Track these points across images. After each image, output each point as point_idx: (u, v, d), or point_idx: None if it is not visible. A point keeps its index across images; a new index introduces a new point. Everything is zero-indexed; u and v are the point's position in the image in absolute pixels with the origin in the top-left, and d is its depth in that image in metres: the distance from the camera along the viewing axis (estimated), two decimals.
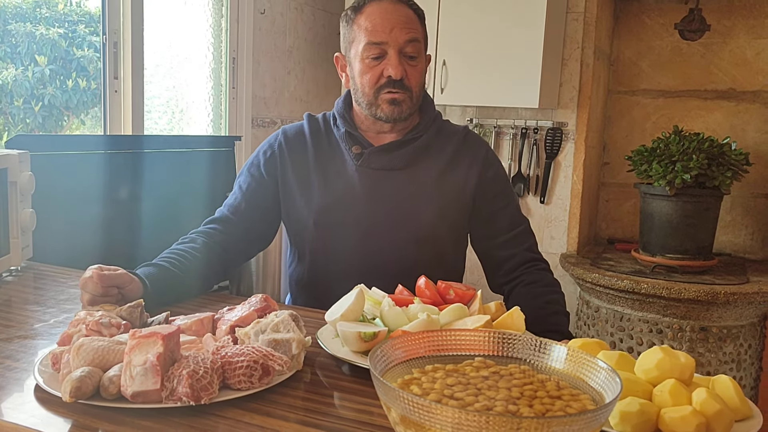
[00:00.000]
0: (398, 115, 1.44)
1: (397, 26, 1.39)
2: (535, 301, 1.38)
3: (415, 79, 1.43)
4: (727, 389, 0.82)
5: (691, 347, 2.51)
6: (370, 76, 1.41)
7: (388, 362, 0.76)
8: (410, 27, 1.41)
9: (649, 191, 2.66)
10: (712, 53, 3.03)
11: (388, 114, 1.43)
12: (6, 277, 1.48)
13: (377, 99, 1.43)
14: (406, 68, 1.41)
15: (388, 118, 1.44)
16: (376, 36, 1.39)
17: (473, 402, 0.68)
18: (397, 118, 1.44)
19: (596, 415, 0.63)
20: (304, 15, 3.16)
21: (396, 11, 1.41)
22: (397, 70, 1.39)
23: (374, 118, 1.46)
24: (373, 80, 1.41)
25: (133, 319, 1.05)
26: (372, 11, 1.41)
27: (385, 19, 1.39)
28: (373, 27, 1.39)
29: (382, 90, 1.41)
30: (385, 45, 1.39)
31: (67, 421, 0.80)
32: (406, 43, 1.40)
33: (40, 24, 2.14)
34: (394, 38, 1.39)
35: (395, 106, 1.42)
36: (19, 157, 1.51)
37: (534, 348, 0.81)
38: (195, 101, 2.72)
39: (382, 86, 1.41)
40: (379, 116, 1.45)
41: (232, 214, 1.52)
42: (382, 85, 1.41)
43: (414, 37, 1.41)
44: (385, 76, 1.40)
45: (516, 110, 3.06)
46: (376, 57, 1.40)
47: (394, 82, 1.40)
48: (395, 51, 1.39)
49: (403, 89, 1.42)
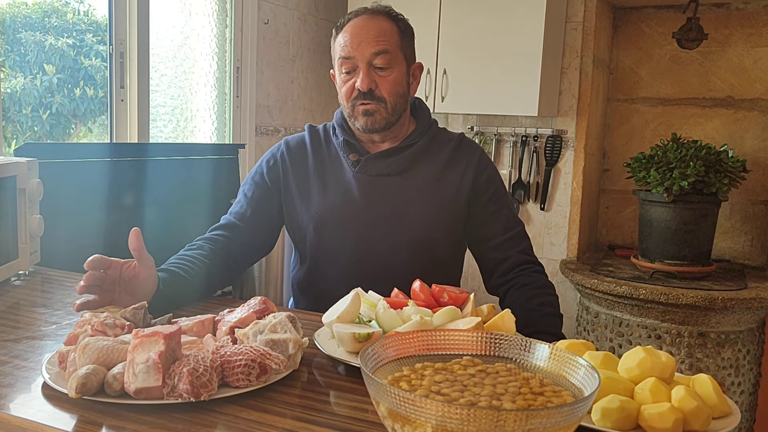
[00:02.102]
0: (372, 126, 1.49)
1: (365, 41, 1.45)
2: (529, 303, 1.41)
3: (387, 89, 1.48)
4: (706, 387, 0.85)
5: (689, 352, 2.53)
6: (345, 89, 1.49)
7: (380, 360, 0.80)
8: (379, 39, 1.46)
9: (647, 198, 2.69)
10: (710, 61, 3.06)
11: (362, 124, 1.49)
12: (15, 282, 1.52)
13: (354, 111, 1.49)
14: (375, 79, 1.46)
15: (363, 129, 1.50)
16: (345, 51, 1.47)
17: (458, 397, 0.72)
18: (372, 129, 1.50)
19: (573, 409, 0.66)
20: (307, 25, 3.21)
21: (368, 26, 1.47)
22: (364, 83, 1.45)
23: (356, 128, 1.52)
24: (348, 93, 1.49)
25: (136, 320, 1.09)
26: (348, 27, 1.49)
27: (354, 35, 1.47)
28: (345, 43, 1.47)
29: (356, 102, 1.48)
30: (354, 59, 1.46)
31: (73, 416, 0.84)
32: (373, 56, 1.45)
33: (49, 33, 2.18)
34: (360, 53, 1.45)
35: (368, 116, 1.48)
36: (28, 164, 1.55)
37: (520, 347, 0.84)
38: (199, 110, 2.76)
39: (356, 98, 1.48)
40: (357, 127, 1.51)
41: (239, 221, 1.56)
42: (355, 97, 1.48)
43: (383, 49, 1.46)
44: (357, 88, 1.47)
45: (516, 118, 3.10)
46: (348, 71, 1.48)
47: (364, 94, 1.46)
48: (364, 64, 1.46)
49: (374, 100, 1.47)
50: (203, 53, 2.73)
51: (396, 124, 1.53)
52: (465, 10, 2.84)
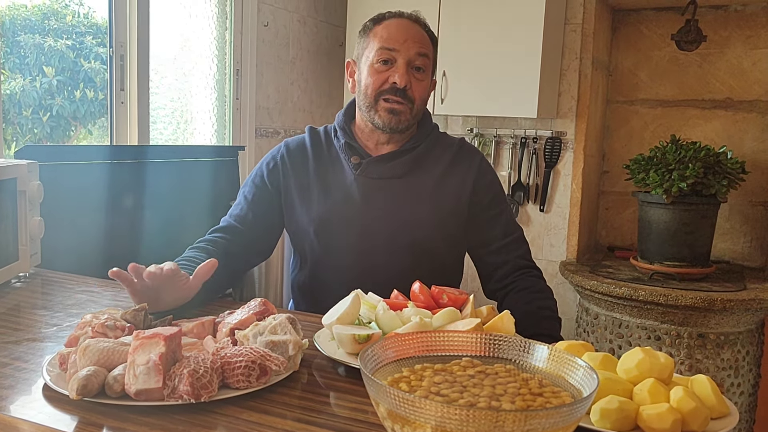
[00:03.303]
0: (396, 125, 1.48)
1: (411, 39, 1.46)
2: (528, 306, 1.41)
3: (419, 93, 1.48)
4: (705, 388, 0.86)
5: (689, 354, 2.53)
6: (376, 79, 1.47)
7: (379, 361, 0.80)
8: (422, 43, 1.48)
9: (646, 199, 2.69)
10: (709, 63, 3.07)
11: (385, 121, 1.48)
12: (15, 284, 1.52)
13: (377, 104, 1.47)
14: (411, 80, 1.46)
15: (385, 126, 1.48)
16: (389, 43, 1.46)
17: (458, 398, 0.72)
18: (395, 128, 1.49)
19: (572, 410, 0.66)
20: (306, 27, 3.22)
21: (412, 27, 1.49)
22: (403, 78, 1.44)
23: (372, 124, 1.51)
24: (377, 84, 1.47)
25: (137, 322, 1.09)
26: (390, 23, 1.49)
27: (400, 30, 1.47)
28: (388, 35, 1.46)
29: (384, 95, 1.46)
30: (396, 53, 1.45)
31: (74, 417, 0.84)
32: (416, 55, 1.46)
33: (49, 36, 2.19)
34: (405, 48, 1.45)
35: (393, 115, 1.47)
36: (28, 167, 1.56)
37: (519, 348, 0.84)
38: (199, 112, 2.77)
39: (385, 91, 1.46)
40: (377, 123, 1.49)
41: (239, 224, 1.56)
42: (384, 90, 1.46)
43: (424, 52, 1.47)
44: (390, 82, 1.45)
45: (515, 120, 3.10)
46: (385, 61, 1.46)
47: (396, 90, 1.45)
48: (404, 60, 1.45)
49: (405, 99, 1.46)
50: (203, 55, 2.74)
51: (408, 129, 1.53)
52: (464, 12, 2.85)
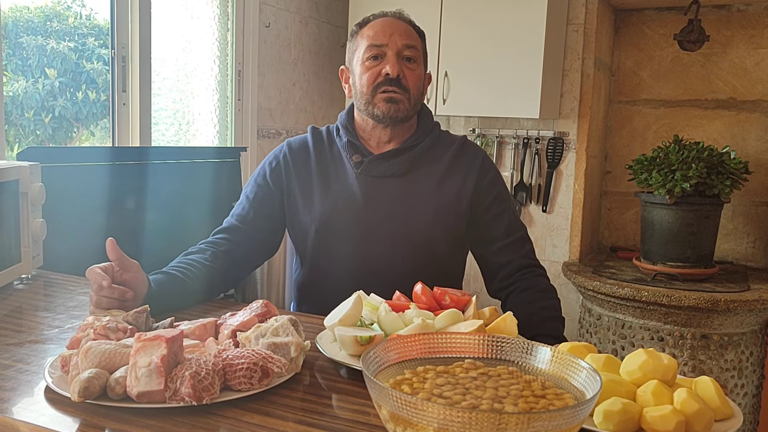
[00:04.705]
0: (395, 114, 1.49)
1: (397, 32, 1.49)
2: (531, 306, 1.41)
3: (413, 81, 1.50)
4: (708, 390, 0.85)
5: (692, 354, 2.53)
6: (369, 75, 1.49)
7: (382, 363, 0.80)
8: (409, 35, 1.51)
9: (649, 200, 2.68)
10: (712, 63, 3.06)
11: (384, 111, 1.48)
12: (17, 285, 1.53)
13: (374, 98, 1.49)
14: (403, 69, 1.48)
15: (384, 116, 1.49)
16: (376, 39, 1.48)
17: (460, 400, 0.72)
18: (394, 117, 1.49)
19: (575, 412, 0.66)
20: (308, 28, 3.22)
21: (397, 23, 1.52)
22: (395, 68, 1.47)
23: (372, 118, 1.52)
24: (371, 79, 1.48)
25: (138, 323, 1.09)
26: (375, 23, 1.52)
27: (386, 27, 1.50)
28: (374, 33, 1.49)
29: (380, 88, 1.48)
30: (384, 47, 1.48)
31: (76, 420, 0.84)
32: (404, 46, 1.48)
33: (51, 37, 2.19)
34: (393, 41, 1.48)
35: (392, 104, 1.48)
36: (30, 168, 1.56)
37: (522, 350, 0.84)
38: (201, 113, 2.77)
39: (380, 84, 1.48)
40: (376, 114, 1.50)
41: (241, 223, 1.56)
42: (379, 83, 1.48)
43: (412, 44, 1.50)
44: (383, 74, 1.47)
45: (518, 120, 3.10)
46: (375, 57, 1.48)
47: (391, 80, 1.47)
48: (393, 52, 1.48)
49: (401, 88, 1.48)
50: (205, 56, 2.73)
51: (408, 122, 1.54)
52: (466, 13, 2.85)
